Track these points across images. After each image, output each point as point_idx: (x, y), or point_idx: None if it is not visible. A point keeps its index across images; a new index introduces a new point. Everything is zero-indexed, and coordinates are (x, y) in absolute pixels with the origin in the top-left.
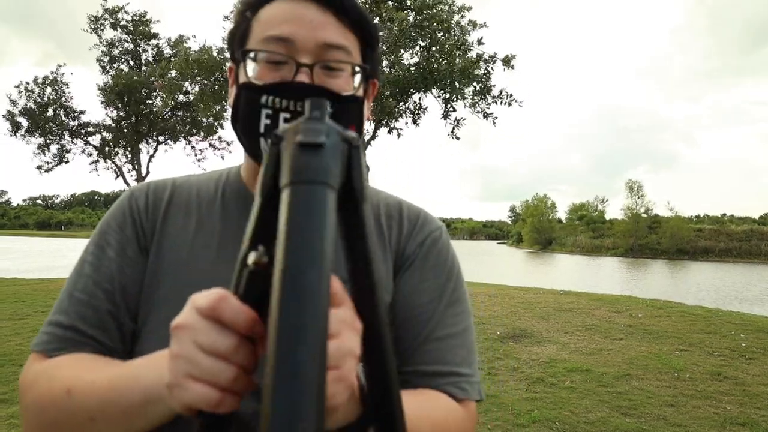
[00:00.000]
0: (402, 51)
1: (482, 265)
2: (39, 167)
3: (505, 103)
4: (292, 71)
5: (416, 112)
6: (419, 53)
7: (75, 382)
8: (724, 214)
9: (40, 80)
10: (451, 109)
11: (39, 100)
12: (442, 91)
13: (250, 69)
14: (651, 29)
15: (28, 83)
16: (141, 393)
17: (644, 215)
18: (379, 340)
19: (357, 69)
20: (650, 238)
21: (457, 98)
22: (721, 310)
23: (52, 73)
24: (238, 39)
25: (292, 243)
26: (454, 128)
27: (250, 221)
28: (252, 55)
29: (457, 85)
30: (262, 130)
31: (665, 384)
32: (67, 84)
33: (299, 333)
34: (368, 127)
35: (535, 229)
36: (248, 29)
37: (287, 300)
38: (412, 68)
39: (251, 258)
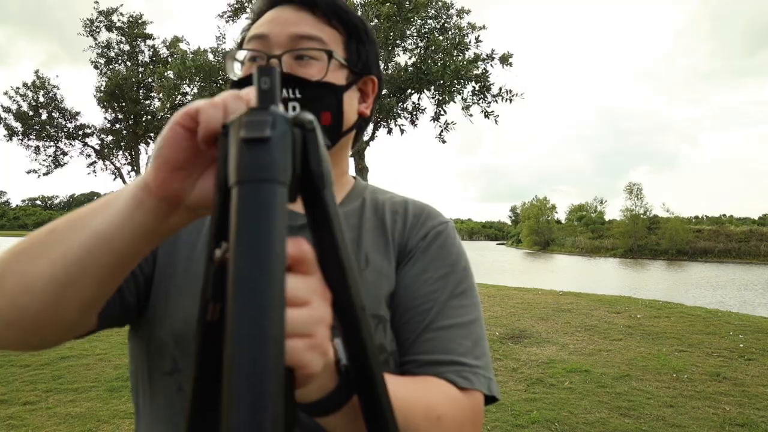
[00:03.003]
0: (395, 49)
1: (479, 266)
2: (35, 171)
3: (506, 100)
4: (265, 63)
5: (414, 113)
6: (415, 54)
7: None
8: (724, 215)
9: (30, 84)
10: (442, 111)
11: (33, 104)
12: (435, 93)
13: (236, 68)
14: (653, 33)
15: (18, 88)
16: (110, 196)
17: (643, 216)
18: (354, 321)
19: (334, 58)
20: (649, 239)
21: (450, 100)
22: (720, 310)
23: (38, 76)
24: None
25: (240, 248)
26: (442, 131)
27: (212, 217)
28: (240, 57)
29: (452, 86)
30: None
31: (664, 385)
32: (57, 86)
33: (254, 347)
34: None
35: (534, 230)
36: (242, 41)
37: (238, 312)
38: (409, 68)
39: (216, 254)
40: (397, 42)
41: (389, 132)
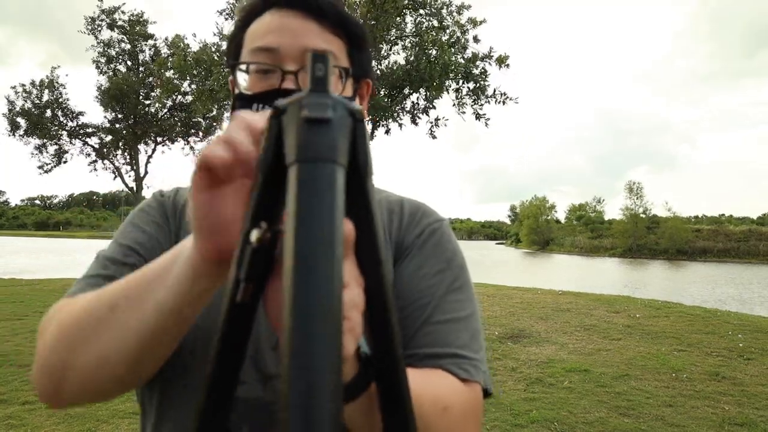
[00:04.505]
0: (392, 47)
1: (479, 265)
2: (40, 167)
3: (499, 102)
4: (279, 79)
5: (414, 112)
6: (408, 50)
7: (101, 291)
8: (723, 215)
9: (37, 82)
10: (431, 106)
11: (37, 102)
12: (426, 91)
13: (242, 80)
14: (652, 35)
15: (24, 85)
16: (165, 259)
17: (642, 215)
18: (384, 310)
19: (342, 72)
20: (649, 239)
21: (438, 96)
22: (719, 310)
23: (47, 76)
24: (233, 52)
25: (303, 225)
26: (432, 127)
27: (252, 198)
28: (244, 67)
29: (441, 81)
30: None
31: (663, 384)
32: (63, 85)
33: (314, 322)
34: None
35: (533, 229)
36: (241, 42)
37: (302, 286)
38: (403, 67)
39: (254, 235)
40: (384, 35)
41: (387, 132)
